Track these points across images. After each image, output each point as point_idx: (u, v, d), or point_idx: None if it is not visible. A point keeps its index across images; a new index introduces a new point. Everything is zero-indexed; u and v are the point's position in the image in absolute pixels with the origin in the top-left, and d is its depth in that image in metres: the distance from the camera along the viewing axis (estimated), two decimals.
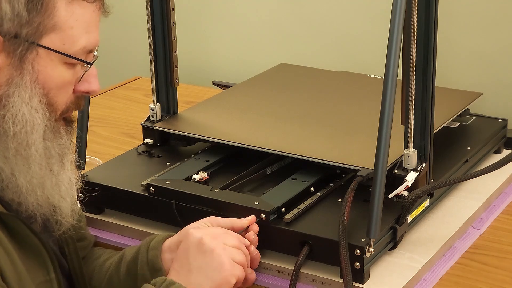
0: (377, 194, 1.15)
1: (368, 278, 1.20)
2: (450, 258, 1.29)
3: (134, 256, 1.20)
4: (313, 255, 1.21)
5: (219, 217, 1.21)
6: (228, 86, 1.76)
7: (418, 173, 1.28)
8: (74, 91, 1.08)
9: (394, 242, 1.26)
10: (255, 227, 1.22)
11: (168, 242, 1.19)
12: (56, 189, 1.07)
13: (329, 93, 1.64)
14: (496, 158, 1.55)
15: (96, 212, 1.40)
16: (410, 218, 1.28)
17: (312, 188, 1.32)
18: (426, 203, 1.33)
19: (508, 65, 1.76)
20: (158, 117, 1.53)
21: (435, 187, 1.29)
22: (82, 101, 1.10)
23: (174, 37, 1.51)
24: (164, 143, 1.51)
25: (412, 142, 1.28)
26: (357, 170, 1.28)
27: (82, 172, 1.40)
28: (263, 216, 1.22)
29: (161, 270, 1.16)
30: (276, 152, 1.37)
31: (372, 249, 1.17)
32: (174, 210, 1.30)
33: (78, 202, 1.40)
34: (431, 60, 1.27)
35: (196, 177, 1.35)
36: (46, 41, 1.01)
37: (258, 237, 1.24)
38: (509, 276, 1.25)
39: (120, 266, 1.22)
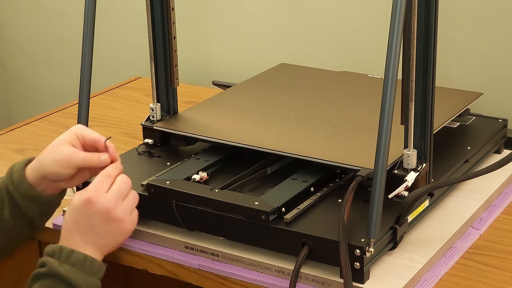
0: (377, 194, 1.15)
1: (368, 278, 1.20)
2: (450, 258, 1.29)
3: (5, 191, 1.27)
4: (313, 255, 1.21)
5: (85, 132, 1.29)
6: (228, 86, 1.75)
7: (418, 173, 1.28)
8: None
9: (394, 242, 1.26)
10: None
11: (30, 166, 1.28)
12: None
13: (329, 93, 1.64)
14: (496, 158, 1.55)
15: None
16: (410, 218, 1.28)
17: (312, 188, 1.32)
18: (426, 203, 1.33)
19: (508, 65, 1.76)
20: (158, 117, 1.53)
21: (435, 187, 1.29)
22: None
23: (174, 37, 1.51)
24: (164, 143, 1.51)
25: (412, 142, 1.28)
26: (357, 170, 1.28)
27: None
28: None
29: (26, 182, 1.26)
30: (276, 152, 1.37)
31: (372, 249, 1.17)
32: (174, 210, 1.30)
33: None
34: (431, 60, 1.27)
35: (196, 177, 1.35)
36: None
37: (258, 237, 1.24)
38: (509, 276, 1.25)
39: None
